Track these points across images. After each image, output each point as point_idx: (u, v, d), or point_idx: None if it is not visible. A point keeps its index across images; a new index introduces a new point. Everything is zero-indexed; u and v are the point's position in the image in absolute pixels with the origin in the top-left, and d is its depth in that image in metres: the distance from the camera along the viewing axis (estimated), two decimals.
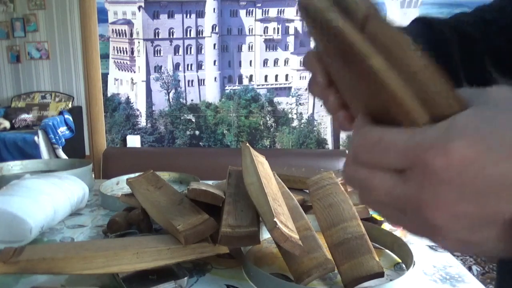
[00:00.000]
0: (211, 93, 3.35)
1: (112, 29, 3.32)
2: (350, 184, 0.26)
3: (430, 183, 0.21)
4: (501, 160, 0.20)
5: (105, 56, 3.35)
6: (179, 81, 3.33)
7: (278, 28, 3.24)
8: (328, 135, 3.24)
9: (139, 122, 3.42)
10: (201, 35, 3.28)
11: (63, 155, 2.96)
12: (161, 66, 3.33)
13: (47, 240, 0.85)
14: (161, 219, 0.73)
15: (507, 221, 0.20)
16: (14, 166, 1.23)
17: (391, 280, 0.67)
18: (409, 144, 0.22)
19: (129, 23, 3.30)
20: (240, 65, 3.30)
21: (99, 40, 3.34)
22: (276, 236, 0.59)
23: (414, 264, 0.69)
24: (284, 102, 3.27)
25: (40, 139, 2.87)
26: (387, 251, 0.81)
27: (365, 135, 0.24)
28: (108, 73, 3.37)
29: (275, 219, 0.59)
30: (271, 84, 3.31)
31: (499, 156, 0.20)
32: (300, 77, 3.27)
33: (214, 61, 3.31)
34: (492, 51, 0.46)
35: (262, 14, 3.23)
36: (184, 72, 3.33)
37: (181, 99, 3.35)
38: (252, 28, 3.25)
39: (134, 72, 3.35)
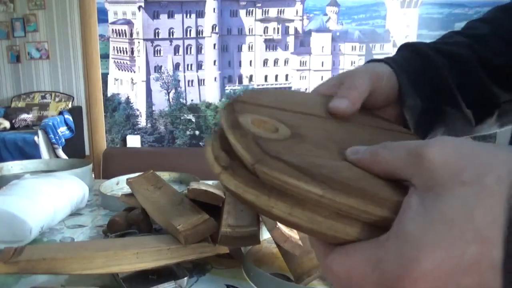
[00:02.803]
0: (211, 93, 3.35)
1: (112, 29, 3.32)
2: None
3: None
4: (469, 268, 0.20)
5: (105, 56, 3.35)
6: (179, 81, 3.33)
7: (278, 28, 3.24)
8: None
9: (139, 122, 3.42)
10: (201, 35, 3.28)
11: (63, 155, 2.95)
12: (161, 66, 3.33)
13: (47, 240, 0.85)
14: (161, 219, 0.73)
15: None
16: (14, 166, 1.23)
17: None
18: (378, 281, 0.22)
19: (129, 23, 3.30)
20: (240, 65, 3.30)
21: (99, 40, 3.34)
22: (276, 236, 0.59)
23: None
24: None
25: (40, 139, 2.87)
26: None
27: (336, 271, 0.24)
28: (108, 73, 3.37)
29: None
30: (271, 84, 3.31)
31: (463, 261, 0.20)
32: (300, 77, 3.27)
33: (214, 61, 3.31)
34: (487, 67, 0.44)
35: (262, 14, 3.23)
36: (184, 72, 3.33)
37: (181, 99, 3.35)
38: (252, 28, 3.25)
39: (134, 72, 3.35)
